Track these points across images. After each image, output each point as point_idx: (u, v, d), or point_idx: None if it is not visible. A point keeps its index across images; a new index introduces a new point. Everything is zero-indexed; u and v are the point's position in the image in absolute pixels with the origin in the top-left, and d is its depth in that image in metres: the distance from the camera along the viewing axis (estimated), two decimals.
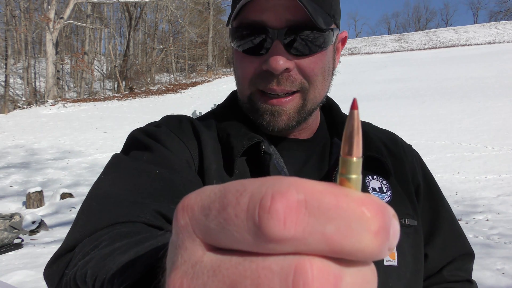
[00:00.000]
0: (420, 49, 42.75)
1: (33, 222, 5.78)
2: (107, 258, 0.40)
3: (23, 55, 26.58)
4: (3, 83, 22.61)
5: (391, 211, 0.19)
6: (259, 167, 0.64)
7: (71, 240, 0.53)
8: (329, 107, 0.80)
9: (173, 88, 28.73)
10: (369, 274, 0.19)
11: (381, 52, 43.54)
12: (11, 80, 23.51)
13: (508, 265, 3.68)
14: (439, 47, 42.54)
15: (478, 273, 3.48)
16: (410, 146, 0.82)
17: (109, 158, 0.66)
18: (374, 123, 0.84)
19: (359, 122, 0.21)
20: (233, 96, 0.79)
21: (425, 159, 7.11)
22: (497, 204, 5.74)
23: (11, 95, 22.96)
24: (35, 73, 26.89)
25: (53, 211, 7.03)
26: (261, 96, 0.65)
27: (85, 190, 8.12)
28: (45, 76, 23.73)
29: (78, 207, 5.58)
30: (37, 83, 26.85)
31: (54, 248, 5.04)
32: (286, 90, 0.63)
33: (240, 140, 0.65)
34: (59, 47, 27.17)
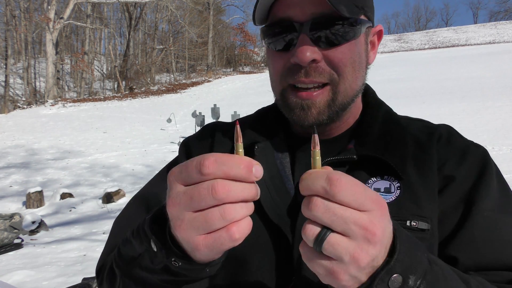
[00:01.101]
0: (420, 49, 42.72)
1: (33, 222, 5.78)
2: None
3: (23, 55, 26.57)
4: (3, 83, 22.60)
5: (254, 162, 0.44)
6: None
7: (100, 261, 0.76)
8: (366, 107, 0.77)
9: (173, 88, 28.70)
10: (247, 186, 0.44)
11: (381, 52, 43.48)
12: (11, 80, 23.50)
13: None
14: (439, 47, 42.50)
15: None
16: (464, 144, 0.72)
17: (109, 158, 0.78)
18: None
19: (239, 132, 0.47)
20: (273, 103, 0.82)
21: None
22: None
23: (11, 95, 22.95)
24: (35, 73, 26.88)
25: (53, 211, 7.03)
26: (291, 90, 0.66)
27: (85, 190, 8.12)
28: (45, 76, 23.71)
29: (78, 207, 5.59)
30: (37, 83, 26.84)
31: (54, 248, 5.04)
32: (315, 81, 0.64)
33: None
34: (59, 47, 27.16)
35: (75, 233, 5.79)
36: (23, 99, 23.78)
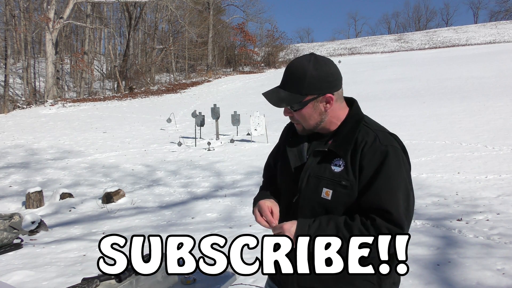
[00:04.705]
0: (420, 49, 42.72)
1: (33, 222, 5.77)
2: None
3: (22, 55, 26.55)
4: (2, 83, 22.58)
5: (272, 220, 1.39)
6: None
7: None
8: (345, 121, 1.42)
9: (173, 88, 28.70)
10: (267, 223, 1.43)
11: (381, 52, 43.47)
12: (10, 80, 23.48)
13: (508, 265, 3.67)
14: (439, 47, 42.50)
15: (478, 273, 3.49)
16: (378, 146, 1.30)
17: (108, 158, 0.90)
18: None
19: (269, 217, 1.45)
20: None
21: (425, 159, 7.04)
22: (497, 204, 5.73)
23: (11, 95, 22.94)
24: (34, 73, 26.86)
25: (53, 211, 7.02)
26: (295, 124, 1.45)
27: (84, 190, 8.12)
28: (45, 76, 23.70)
29: (77, 207, 5.56)
30: (37, 83, 26.83)
31: (54, 248, 5.03)
32: (296, 121, 1.40)
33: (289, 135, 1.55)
34: (58, 47, 27.14)
35: (75, 233, 5.79)
36: (23, 99, 23.77)
